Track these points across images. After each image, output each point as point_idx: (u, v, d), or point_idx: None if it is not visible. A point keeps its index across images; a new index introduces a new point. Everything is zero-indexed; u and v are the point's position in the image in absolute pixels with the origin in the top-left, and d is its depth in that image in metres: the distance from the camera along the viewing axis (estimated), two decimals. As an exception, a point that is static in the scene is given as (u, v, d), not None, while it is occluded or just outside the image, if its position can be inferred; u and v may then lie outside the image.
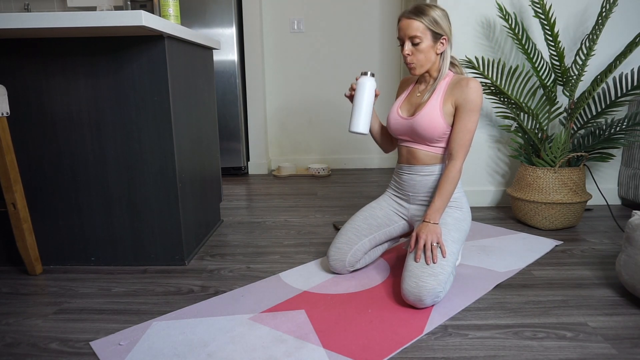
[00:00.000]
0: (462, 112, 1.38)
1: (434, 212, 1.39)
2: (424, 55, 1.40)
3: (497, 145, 2.37)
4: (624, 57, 1.88)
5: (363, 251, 1.55)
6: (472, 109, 1.37)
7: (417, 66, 1.42)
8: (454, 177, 1.40)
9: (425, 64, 1.42)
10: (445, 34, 1.39)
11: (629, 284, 1.33)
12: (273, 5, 3.40)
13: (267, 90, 3.54)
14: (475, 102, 1.37)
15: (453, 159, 1.40)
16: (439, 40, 1.39)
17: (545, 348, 1.13)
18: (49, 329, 1.26)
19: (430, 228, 1.37)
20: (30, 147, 1.62)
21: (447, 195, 1.40)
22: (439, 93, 1.43)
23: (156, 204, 1.64)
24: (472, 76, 2.16)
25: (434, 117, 1.41)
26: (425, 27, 1.36)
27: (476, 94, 1.36)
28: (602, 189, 2.39)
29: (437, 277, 1.30)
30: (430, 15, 1.36)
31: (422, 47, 1.38)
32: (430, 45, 1.39)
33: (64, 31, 1.42)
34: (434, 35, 1.38)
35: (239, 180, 3.25)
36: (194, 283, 1.55)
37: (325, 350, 1.13)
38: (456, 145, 1.40)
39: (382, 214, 1.57)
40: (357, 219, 1.57)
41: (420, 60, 1.40)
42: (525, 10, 2.23)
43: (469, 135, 1.39)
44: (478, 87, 1.37)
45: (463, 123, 1.38)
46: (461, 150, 1.39)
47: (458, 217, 1.46)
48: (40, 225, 1.68)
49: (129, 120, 1.59)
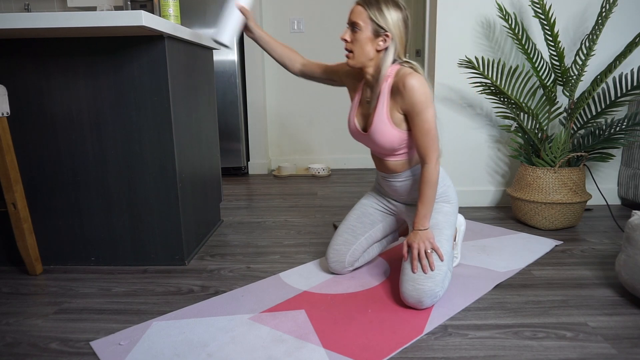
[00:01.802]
0: (413, 117, 1.30)
1: (420, 219, 1.36)
2: (360, 46, 1.29)
3: (497, 145, 2.37)
4: (624, 57, 1.88)
5: (361, 250, 1.55)
6: (422, 109, 1.27)
7: (352, 56, 1.32)
8: (431, 180, 1.34)
9: (361, 57, 1.31)
10: (389, 31, 1.27)
11: (629, 284, 1.33)
12: (273, 5, 3.40)
13: (267, 90, 3.54)
14: (420, 101, 1.27)
15: (425, 162, 1.34)
16: (381, 36, 1.28)
17: (545, 348, 1.13)
18: (49, 329, 1.26)
19: (421, 235, 1.35)
20: (30, 147, 1.62)
21: (429, 200, 1.35)
22: (383, 102, 1.34)
23: (156, 204, 1.64)
24: (471, 76, 2.16)
25: (386, 131, 1.34)
26: (368, 16, 1.26)
27: (418, 93, 1.26)
28: (602, 189, 2.39)
29: (434, 279, 1.30)
30: (379, 8, 1.26)
31: (360, 36, 1.29)
32: (369, 38, 1.28)
33: (64, 31, 1.42)
34: (375, 29, 1.27)
35: (239, 180, 3.25)
36: (194, 283, 1.55)
37: (325, 350, 1.13)
38: (422, 149, 1.33)
39: (374, 211, 1.57)
40: (351, 219, 1.57)
41: (356, 49, 1.30)
42: (525, 10, 2.23)
43: (430, 134, 1.31)
44: (418, 85, 1.26)
45: (419, 126, 1.30)
46: (429, 152, 1.32)
47: (447, 212, 1.44)
48: (40, 225, 1.68)
49: (129, 120, 1.59)
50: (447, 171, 2.40)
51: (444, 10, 2.24)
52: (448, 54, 2.29)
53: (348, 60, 1.34)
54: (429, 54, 2.39)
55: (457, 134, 2.36)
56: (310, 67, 1.59)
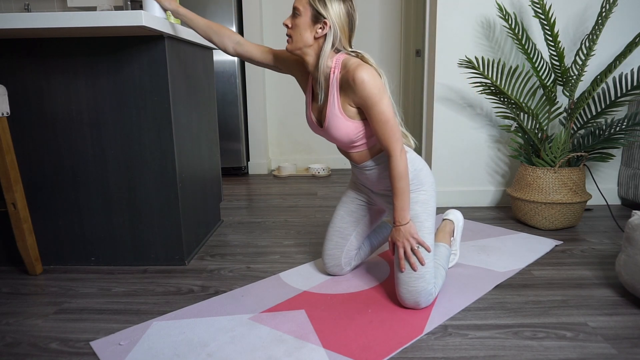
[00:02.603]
0: (368, 111, 1.28)
1: (399, 212, 1.33)
2: (298, 32, 1.29)
3: (497, 145, 2.37)
4: (623, 57, 1.88)
5: (354, 248, 1.55)
6: (375, 101, 1.25)
7: (291, 40, 1.32)
8: (399, 171, 1.30)
9: (298, 42, 1.30)
10: (328, 19, 1.25)
11: (629, 284, 1.33)
12: (273, 5, 3.40)
13: (267, 90, 3.54)
14: (373, 94, 1.24)
15: (389, 155, 1.30)
16: (320, 22, 1.26)
17: (545, 348, 1.13)
18: (49, 329, 1.26)
19: (403, 231, 1.33)
20: (30, 147, 1.62)
21: (403, 192, 1.31)
22: (334, 95, 1.32)
23: (156, 204, 1.64)
24: (471, 76, 2.16)
25: (340, 124, 1.32)
26: (308, 2, 1.26)
27: (369, 86, 1.23)
28: (602, 189, 2.39)
29: (424, 278, 1.30)
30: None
31: (299, 21, 1.28)
32: (308, 24, 1.27)
33: (64, 31, 1.42)
34: (313, 14, 1.26)
35: (239, 180, 3.25)
36: (194, 283, 1.55)
37: (325, 350, 1.13)
38: (383, 142, 1.29)
39: (355, 207, 1.55)
40: (336, 221, 1.56)
41: (295, 34, 1.30)
42: (525, 10, 2.23)
43: (389, 124, 1.27)
44: (368, 77, 1.23)
45: (375, 119, 1.27)
46: (391, 143, 1.29)
47: (424, 200, 1.39)
48: (40, 225, 1.68)
49: (129, 120, 1.59)
50: (448, 171, 2.40)
51: (444, 10, 2.24)
52: (448, 54, 2.29)
53: (287, 45, 1.33)
54: (429, 54, 2.39)
55: (457, 134, 2.36)
56: (246, 47, 1.51)
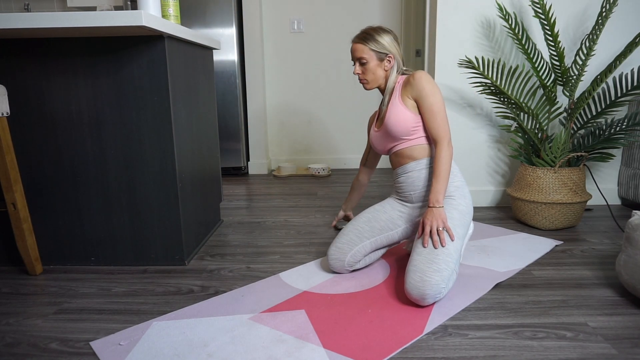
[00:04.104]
0: (422, 101, 1.47)
1: (435, 194, 1.43)
2: (372, 73, 1.54)
3: (497, 145, 2.37)
4: (624, 57, 1.88)
5: (363, 253, 1.55)
6: (429, 92, 1.46)
7: (367, 82, 1.56)
8: (445, 156, 1.44)
9: (376, 79, 1.56)
10: (390, 52, 1.52)
11: (629, 284, 1.33)
12: (273, 5, 3.40)
13: (267, 91, 3.54)
14: (427, 87, 1.46)
15: (437, 142, 1.47)
16: (385, 58, 1.53)
17: (545, 348, 1.13)
18: (49, 329, 1.26)
19: (435, 213, 1.40)
20: (30, 147, 1.62)
21: (444, 175, 1.44)
22: (396, 93, 1.54)
23: (156, 204, 1.64)
24: (471, 76, 2.16)
25: (400, 111, 1.49)
26: (370, 49, 1.51)
27: (424, 80, 1.46)
28: (602, 189, 2.39)
29: (441, 273, 1.30)
30: (374, 38, 1.51)
31: (369, 66, 1.53)
32: (377, 64, 1.53)
33: (64, 31, 1.42)
34: (378, 55, 1.52)
35: (239, 180, 3.25)
36: (194, 283, 1.55)
37: (325, 350, 1.13)
38: (433, 130, 1.47)
39: (385, 218, 1.58)
40: (360, 221, 1.58)
41: (369, 77, 1.55)
42: (525, 10, 2.23)
43: (440, 116, 1.47)
44: (424, 74, 1.48)
45: (428, 108, 1.47)
46: (440, 132, 1.46)
47: (463, 210, 1.48)
48: (40, 225, 1.68)
49: (129, 120, 1.59)
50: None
51: (444, 10, 2.24)
52: (448, 54, 2.29)
53: (365, 87, 1.58)
54: (429, 54, 2.39)
55: (457, 134, 2.36)
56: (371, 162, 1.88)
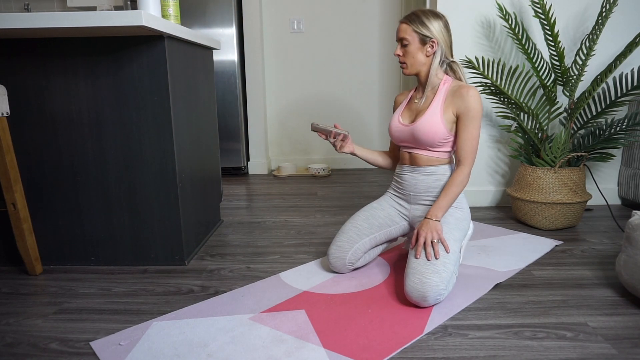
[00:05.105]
0: (465, 120, 1.43)
1: (437, 209, 1.42)
2: (412, 56, 1.47)
3: (497, 145, 2.37)
4: (624, 57, 1.88)
5: (363, 250, 1.55)
6: (475, 116, 1.43)
7: (406, 66, 1.50)
8: (462, 181, 1.44)
9: (415, 64, 1.48)
10: (434, 37, 1.44)
11: (629, 284, 1.33)
12: (273, 5, 3.40)
13: (267, 90, 3.54)
14: (476, 109, 1.42)
15: (462, 164, 1.45)
16: (427, 43, 1.45)
17: (545, 348, 1.13)
18: (49, 329, 1.26)
19: (431, 225, 1.39)
20: (30, 147, 1.62)
21: (452, 196, 1.43)
22: (439, 99, 1.47)
23: (156, 204, 1.64)
24: (471, 76, 2.16)
25: (435, 122, 1.45)
26: (413, 30, 1.44)
27: (477, 101, 1.42)
28: (602, 189, 2.39)
29: (440, 275, 1.30)
30: (421, 21, 1.44)
31: (410, 48, 1.46)
32: (418, 47, 1.46)
33: (64, 31, 1.42)
34: (421, 38, 1.45)
35: (239, 180, 3.25)
36: (194, 283, 1.55)
37: (325, 350, 1.13)
38: (464, 152, 1.45)
39: (384, 215, 1.58)
40: (359, 218, 1.58)
41: (409, 60, 1.48)
42: (525, 10, 2.23)
43: (475, 142, 1.45)
44: (478, 95, 1.43)
45: (468, 131, 1.44)
46: (469, 157, 1.45)
47: (459, 217, 1.48)
48: (40, 225, 1.68)
49: (129, 120, 1.59)
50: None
51: (444, 10, 2.24)
52: (448, 54, 2.29)
53: (404, 71, 1.52)
54: (429, 54, 2.39)
55: (457, 134, 2.36)
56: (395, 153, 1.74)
